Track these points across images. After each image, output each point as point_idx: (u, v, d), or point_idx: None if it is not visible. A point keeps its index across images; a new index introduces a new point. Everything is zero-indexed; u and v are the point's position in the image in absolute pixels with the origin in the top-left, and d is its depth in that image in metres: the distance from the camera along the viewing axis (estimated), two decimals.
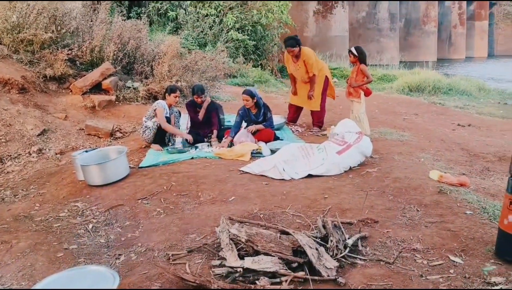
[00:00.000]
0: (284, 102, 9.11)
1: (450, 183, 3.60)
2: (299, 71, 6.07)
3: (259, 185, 3.77)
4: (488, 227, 2.72)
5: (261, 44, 14.48)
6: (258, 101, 5.30)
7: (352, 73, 5.82)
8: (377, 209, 3.13)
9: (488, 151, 5.18)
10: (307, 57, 5.92)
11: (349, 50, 5.78)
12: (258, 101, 5.29)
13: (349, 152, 4.09)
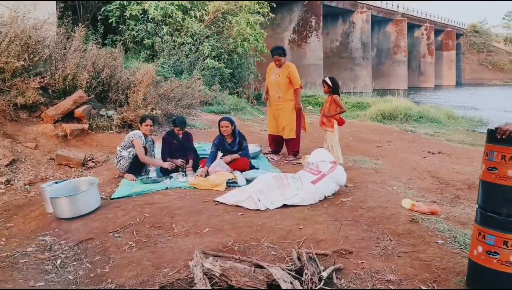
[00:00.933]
0: (260, 130, 9.18)
1: (422, 211, 3.66)
2: (279, 79, 6.12)
3: (234, 216, 3.74)
4: (459, 257, 2.76)
5: (237, 72, 14.67)
6: (235, 130, 5.33)
7: (326, 103, 5.92)
8: (351, 240, 3.14)
9: (458, 178, 5.31)
10: (292, 69, 6.14)
11: (324, 81, 5.89)
12: (235, 129, 5.32)
13: (324, 182, 4.12)
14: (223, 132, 5.27)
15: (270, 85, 6.25)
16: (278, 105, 6.20)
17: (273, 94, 6.22)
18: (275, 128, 6.37)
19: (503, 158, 2.16)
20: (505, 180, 2.15)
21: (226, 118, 5.33)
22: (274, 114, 6.30)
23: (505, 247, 2.15)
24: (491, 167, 2.22)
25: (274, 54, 6.12)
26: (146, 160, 4.95)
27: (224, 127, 5.23)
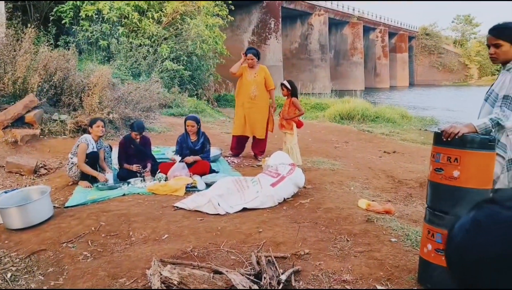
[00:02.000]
0: (221, 132, 9.15)
1: (377, 211, 3.78)
2: (257, 78, 6.21)
3: (193, 221, 3.71)
4: (411, 254, 2.87)
5: (197, 74, 14.57)
6: (200, 129, 5.37)
7: (285, 106, 5.98)
8: (310, 241, 3.20)
9: (411, 177, 5.53)
10: (267, 71, 6.37)
11: (282, 84, 5.95)
12: (200, 128, 5.38)
13: (283, 184, 4.17)
14: (188, 130, 5.36)
15: (246, 85, 6.23)
16: (253, 104, 6.21)
17: (248, 93, 6.20)
18: (242, 128, 6.32)
19: (448, 159, 2.27)
20: (450, 181, 2.26)
21: (192, 117, 5.47)
22: (246, 114, 6.26)
23: None
24: (438, 168, 2.32)
25: (250, 52, 6.21)
26: (84, 168, 4.74)
27: (190, 126, 5.31)
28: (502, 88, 2.52)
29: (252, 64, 6.20)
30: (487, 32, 2.67)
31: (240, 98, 6.32)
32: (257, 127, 6.25)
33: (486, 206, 0.57)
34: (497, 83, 2.65)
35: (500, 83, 2.59)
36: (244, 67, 6.29)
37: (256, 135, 6.29)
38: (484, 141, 2.23)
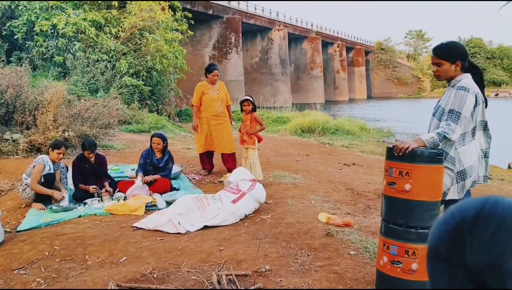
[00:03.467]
0: (182, 148, 9.05)
1: (336, 224, 3.84)
2: (221, 95, 6.18)
3: (153, 241, 3.63)
4: (369, 266, 2.94)
5: (157, 89, 14.41)
6: (166, 147, 5.30)
7: (245, 121, 5.99)
8: (271, 257, 3.20)
9: (369, 189, 5.67)
10: (225, 87, 6.38)
11: (246, 100, 5.97)
12: (166, 146, 5.31)
13: (244, 200, 4.17)
14: (154, 148, 5.27)
15: (210, 102, 6.13)
16: (219, 120, 6.16)
17: (213, 110, 6.12)
18: (208, 145, 6.21)
19: (400, 173, 2.35)
20: (403, 194, 2.34)
21: (159, 134, 5.35)
22: (212, 130, 6.16)
23: (407, 256, 2.34)
24: (391, 182, 2.40)
25: (214, 69, 6.18)
26: (37, 188, 4.56)
27: (156, 144, 5.22)
28: (448, 103, 2.66)
29: (215, 80, 6.19)
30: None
31: (204, 115, 6.19)
32: (225, 142, 6.17)
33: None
34: (443, 98, 2.79)
35: (446, 98, 2.73)
36: (204, 84, 6.24)
37: (226, 151, 6.20)
38: (432, 155, 2.33)
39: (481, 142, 2.74)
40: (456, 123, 2.54)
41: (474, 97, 2.61)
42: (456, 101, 2.60)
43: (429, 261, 0.53)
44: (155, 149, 5.24)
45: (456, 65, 2.69)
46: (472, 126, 2.67)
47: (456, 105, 2.58)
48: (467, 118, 2.59)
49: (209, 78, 6.18)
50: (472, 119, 2.65)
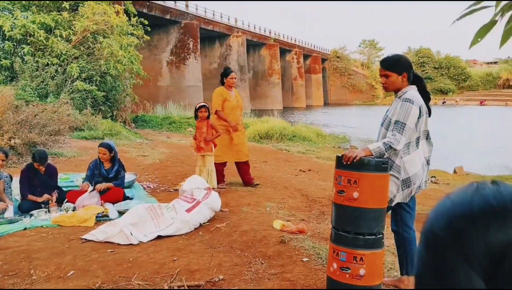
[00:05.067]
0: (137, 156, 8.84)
1: (291, 231, 3.89)
2: (239, 103, 6.02)
3: (103, 253, 3.51)
4: (321, 273, 2.99)
5: (111, 94, 14.04)
6: (115, 156, 5.10)
7: (201, 128, 5.91)
8: (225, 266, 3.19)
9: (324, 195, 5.79)
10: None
11: (204, 106, 5.92)
12: (115, 155, 5.09)
13: (199, 209, 4.13)
14: (101, 158, 5.04)
15: (231, 109, 5.92)
16: (240, 128, 6.02)
17: (235, 118, 5.93)
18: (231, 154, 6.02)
19: (348, 181, 2.42)
20: (351, 202, 2.41)
21: (105, 144, 5.11)
22: (239, 139, 5.99)
23: (355, 262, 2.40)
24: (340, 190, 2.47)
25: (232, 72, 6.01)
26: None
27: (101, 154, 5.01)
28: (394, 114, 2.77)
29: (233, 83, 5.98)
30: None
31: (223, 124, 5.92)
32: (243, 150, 6.07)
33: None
34: (390, 109, 2.90)
35: (392, 109, 2.84)
36: (223, 90, 5.96)
37: (245, 159, 6.08)
38: (378, 164, 2.42)
39: (424, 151, 2.87)
40: (401, 134, 2.65)
41: (418, 108, 2.74)
42: (401, 113, 2.71)
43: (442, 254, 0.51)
44: (102, 159, 5.05)
45: (403, 77, 2.81)
46: (416, 136, 2.79)
47: (402, 116, 2.69)
48: (412, 128, 2.71)
49: (227, 82, 5.94)
50: (416, 130, 2.77)
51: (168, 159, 8.71)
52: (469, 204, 0.50)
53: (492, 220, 0.48)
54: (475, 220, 0.49)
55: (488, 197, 0.50)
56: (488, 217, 0.48)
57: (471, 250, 0.48)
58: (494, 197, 0.49)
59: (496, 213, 0.48)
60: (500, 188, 0.51)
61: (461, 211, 0.50)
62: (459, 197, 0.52)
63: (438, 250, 0.51)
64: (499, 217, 0.47)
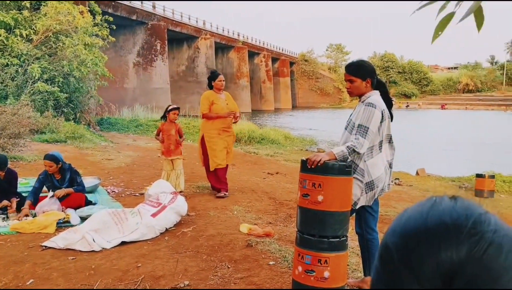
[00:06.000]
0: (102, 159, 8.62)
1: (257, 235, 3.89)
2: (229, 106, 5.75)
3: (64, 261, 3.40)
4: (287, 276, 3.01)
5: (75, 96, 13.65)
6: (63, 166, 4.85)
7: (169, 130, 5.83)
8: (191, 272, 3.15)
9: (291, 198, 5.83)
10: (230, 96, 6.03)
11: (177, 108, 5.87)
12: (63, 166, 4.85)
13: (164, 214, 4.07)
14: (48, 171, 4.75)
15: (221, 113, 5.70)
16: (230, 133, 5.83)
17: (225, 122, 5.71)
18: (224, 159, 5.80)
19: (313, 185, 2.45)
20: (315, 205, 2.43)
21: (49, 156, 4.73)
22: (225, 144, 5.75)
23: (320, 265, 2.43)
24: (305, 193, 2.49)
25: (219, 74, 5.83)
26: None
27: (48, 167, 4.69)
28: (357, 118, 2.83)
29: (222, 86, 5.78)
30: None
31: (216, 127, 5.68)
32: (231, 155, 5.99)
33: None
34: (354, 113, 2.96)
35: (356, 113, 2.90)
36: (212, 93, 5.76)
37: (229, 162, 6.03)
38: (342, 168, 2.46)
39: (387, 154, 2.94)
40: (364, 138, 2.71)
41: (381, 113, 2.80)
42: (364, 117, 2.77)
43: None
44: (50, 172, 4.73)
45: (367, 82, 2.88)
46: (379, 139, 2.86)
47: (364, 120, 2.75)
48: (374, 132, 2.77)
49: (215, 85, 5.73)
50: (379, 134, 2.84)
51: (134, 162, 8.54)
52: (424, 221, 0.50)
53: (444, 239, 0.47)
54: (427, 239, 0.48)
55: (443, 214, 0.49)
56: (441, 235, 0.47)
57: (422, 270, 0.47)
58: (449, 214, 0.49)
59: (449, 232, 0.47)
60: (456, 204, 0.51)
61: (414, 229, 0.50)
62: (415, 213, 0.52)
63: (390, 268, 0.50)
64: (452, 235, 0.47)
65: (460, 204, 0.50)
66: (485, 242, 0.45)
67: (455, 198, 0.52)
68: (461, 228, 0.47)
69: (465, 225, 0.47)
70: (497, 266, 0.45)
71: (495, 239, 0.46)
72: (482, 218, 0.48)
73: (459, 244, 0.46)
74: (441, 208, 0.50)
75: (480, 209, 0.50)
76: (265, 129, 16.60)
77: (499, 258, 0.45)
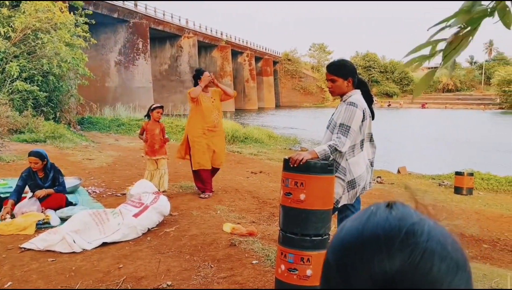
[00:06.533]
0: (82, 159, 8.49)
1: (241, 234, 3.89)
2: (215, 104, 5.54)
3: (43, 263, 3.33)
4: (270, 275, 3.01)
5: (55, 95, 13.40)
6: (48, 164, 4.79)
7: (153, 130, 5.76)
8: (173, 272, 3.13)
9: (274, 196, 5.84)
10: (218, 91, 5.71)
11: (160, 106, 5.81)
12: (47, 163, 4.78)
13: (147, 214, 4.03)
14: (33, 167, 4.69)
15: (205, 112, 5.45)
16: (215, 133, 5.56)
17: (209, 121, 5.46)
18: (211, 160, 5.57)
19: (295, 184, 2.46)
20: (298, 204, 2.45)
21: (35, 153, 4.68)
22: (210, 144, 5.51)
23: (302, 263, 2.44)
24: (288, 192, 2.50)
25: (204, 71, 5.62)
26: None
27: (33, 164, 4.63)
28: (339, 117, 2.85)
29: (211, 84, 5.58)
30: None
31: (200, 126, 5.46)
32: (220, 157, 5.68)
33: None
34: (336, 112, 2.98)
35: (338, 112, 2.93)
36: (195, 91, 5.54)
37: (218, 165, 5.74)
38: (324, 166, 2.48)
39: (368, 153, 2.97)
40: (346, 136, 2.73)
41: (362, 112, 2.83)
42: (346, 116, 2.79)
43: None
44: (35, 169, 4.67)
45: (348, 81, 2.90)
46: (361, 138, 2.89)
47: (346, 119, 2.78)
48: (356, 131, 2.80)
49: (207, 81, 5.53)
50: (361, 132, 2.87)
51: (116, 162, 8.44)
52: (359, 235, 0.49)
53: (377, 251, 0.47)
54: (361, 252, 0.48)
55: (376, 226, 0.49)
56: (373, 248, 0.47)
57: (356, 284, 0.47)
58: (382, 226, 0.49)
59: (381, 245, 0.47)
60: (391, 213, 0.50)
61: (350, 241, 0.50)
62: (351, 227, 0.51)
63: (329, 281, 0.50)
64: (384, 248, 0.46)
65: (394, 214, 0.50)
66: (418, 252, 0.45)
67: (391, 207, 0.52)
68: (393, 240, 0.47)
69: (397, 237, 0.47)
70: (433, 274, 0.45)
71: (428, 247, 0.46)
72: (415, 228, 0.48)
73: (392, 256, 0.46)
74: (375, 220, 0.50)
75: (413, 217, 0.49)
76: (248, 128, 16.61)
77: (433, 267, 0.45)
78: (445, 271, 0.46)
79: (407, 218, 0.49)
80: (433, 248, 0.46)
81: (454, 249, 0.48)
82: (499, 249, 4.70)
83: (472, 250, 4.51)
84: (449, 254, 0.46)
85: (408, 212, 0.50)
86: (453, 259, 0.46)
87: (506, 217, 6.10)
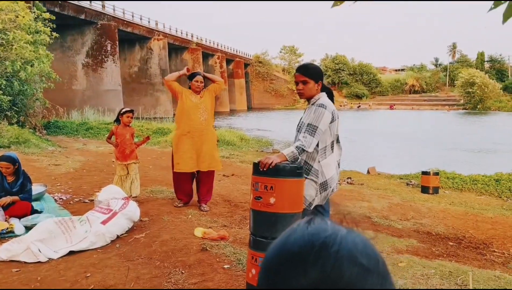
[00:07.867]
0: (48, 165, 8.24)
1: (212, 238, 3.87)
2: (204, 100, 5.13)
3: (7, 274, 3.21)
4: (242, 279, 3.01)
5: (19, 99, 12.93)
6: (19, 168, 4.64)
7: (124, 135, 5.63)
8: (143, 279, 3.08)
9: (246, 200, 5.84)
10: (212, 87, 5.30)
11: (131, 110, 5.68)
12: (19, 168, 4.63)
13: (115, 220, 3.94)
14: (3, 172, 4.53)
15: (190, 108, 5.07)
16: (203, 132, 5.10)
17: (194, 118, 5.06)
18: (194, 163, 5.11)
19: (265, 188, 2.46)
20: (268, 207, 2.45)
21: (6, 157, 4.56)
22: (197, 143, 5.08)
23: None
24: (257, 196, 2.50)
25: (197, 74, 5.21)
26: None
27: (4, 169, 4.50)
28: (308, 118, 2.88)
29: (198, 88, 5.15)
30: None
31: (183, 126, 5.13)
32: (208, 157, 5.16)
33: None
34: (305, 115, 3.01)
35: (307, 114, 2.96)
36: (185, 89, 5.25)
37: (211, 167, 5.20)
38: (293, 169, 2.50)
39: (336, 154, 3.02)
40: (312, 136, 2.76)
41: (331, 113, 2.88)
42: (314, 117, 2.83)
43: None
44: (5, 174, 4.55)
45: (318, 85, 2.95)
46: (331, 140, 2.93)
47: (314, 120, 2.81)
48: (323, 131, 2.83)
49: (191, 86, 5.19)
50: (331, 134, 2.91)
51: (84, 167, 8.23)
52: (278, 252, 0.52)
53: (293, 268, 0.49)
54: (281, 270, 0.50)
55: (294, 244, 0.51)
56: (290, 265, 0.49)
57: None
58: (298, 243, 0.51)
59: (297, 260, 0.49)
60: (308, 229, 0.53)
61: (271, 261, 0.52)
62: (275, 245, 0.54)
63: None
64: (300, 263, 0.49)
65: (310, 230, 0.52)
66: (329, 263, 0.48)
67: (309, 222, 0.54)
68: (307, 255, 0.49)
69: (311, 252, 0.49)
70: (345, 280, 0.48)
71: (338, 257, 0.49)
72: (327, 240, 0.50)
73: (306, 271, 0.48)
74: (293, 238, 0.52)
75: (328, 230, 0.52)
76: (220, 131, 16.54)
77: (345, 273, 0.48)
78: (356, 275, 0.48)
79: (320, 232, 0.51)
80: (342, 256, 0.49)
81: (365, 254, 0.50)
82: (464, 246, 4.86)
83: (438, 248, 4.64)
84: (357, 259, 0.49)
85: (322, 227, 0.53)
86: (363, 263, 0.49)
87: (471, 215, 6.32)
